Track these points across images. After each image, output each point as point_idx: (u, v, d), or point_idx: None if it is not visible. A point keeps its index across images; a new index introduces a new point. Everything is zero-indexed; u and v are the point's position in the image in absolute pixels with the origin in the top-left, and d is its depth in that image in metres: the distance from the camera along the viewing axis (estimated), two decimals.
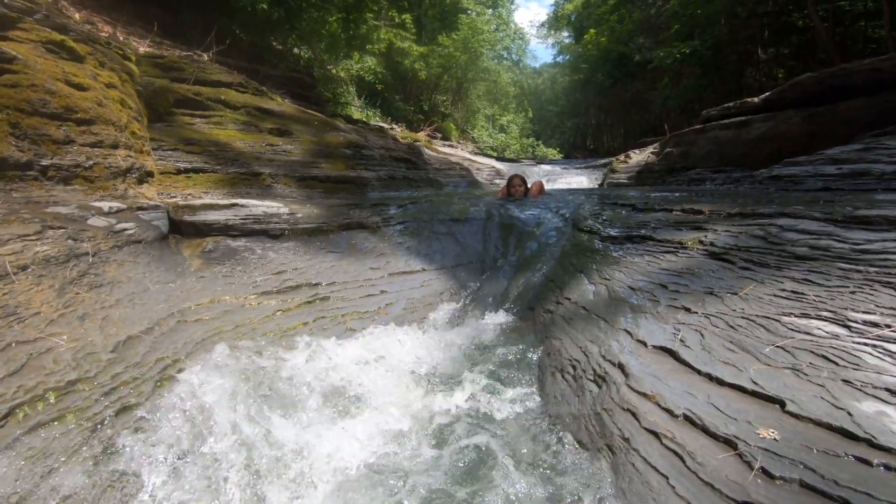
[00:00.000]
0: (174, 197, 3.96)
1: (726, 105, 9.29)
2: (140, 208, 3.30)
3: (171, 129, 5.00)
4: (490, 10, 25.77)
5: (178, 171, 4.41)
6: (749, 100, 8.86)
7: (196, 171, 4.56)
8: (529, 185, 6.55)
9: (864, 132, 6.64)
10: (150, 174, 4.02)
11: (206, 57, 7.81)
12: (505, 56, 26.35)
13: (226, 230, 3.42)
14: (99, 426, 1.51)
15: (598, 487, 1.41)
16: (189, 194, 4.10)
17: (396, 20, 17.74)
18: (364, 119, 13.64)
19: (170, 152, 4.61)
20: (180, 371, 1.91)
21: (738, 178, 7.45)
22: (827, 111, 7.17)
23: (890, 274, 1.77)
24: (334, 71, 15.84)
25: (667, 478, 1.27)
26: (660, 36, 21.99)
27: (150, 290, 2.52)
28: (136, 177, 3.71)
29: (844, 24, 14.97)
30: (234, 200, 3.81)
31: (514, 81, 26.15)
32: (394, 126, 15.81)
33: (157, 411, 1.64)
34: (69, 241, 2.27)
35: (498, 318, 3.18)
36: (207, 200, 3.80)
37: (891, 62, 6.37)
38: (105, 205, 3.03)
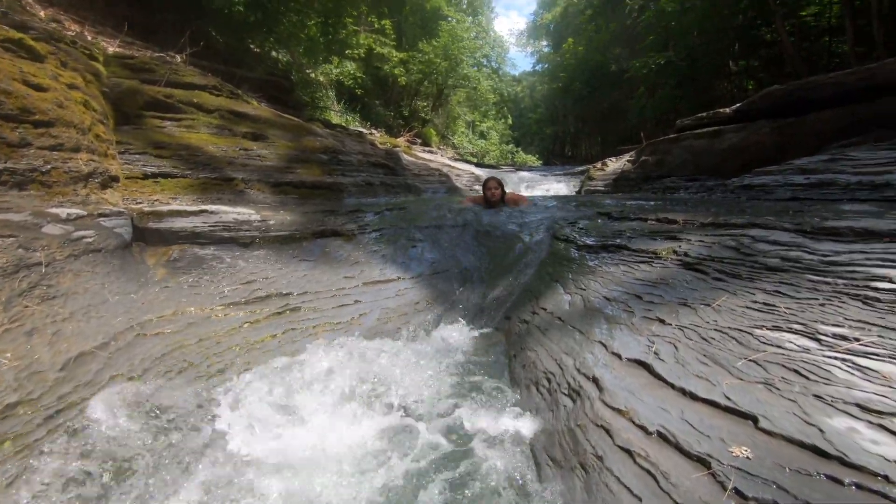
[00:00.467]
0: (140, 203, 3.81)
1: (700, 115, 9.49)
2: (102, 215, 3.15)
3: (139, 133, 4.83)
4: (470, 18, 25.94)
5: (146, 176, 4.26)
6: (721, 110, 9.07)
7: (165, 175, 4.41)
8: (513, 196, 6.38)
9: (830, 143, 6.85)
10: (115, 179, 3.87)
11: (179, 58, 7.63)
12: (485, 63, 26.53)
13: (193, 238, 3.30)
14: (40, 454, 1.40)
15: None
16: (156, 200, 3.95)
17: (376, 25, 17.69)
18: (343, 124, 13.51)
19: (137, 156, 4.45)
20: (136, 390, 1.80)
21: (712, 186, 7.59)
22: (796, 122, 7.38)
23: (857, 286, 1.78)
24: (313, 75, 15.68)
25: (640, 499, 1.23)
26: (636, 46, 22.45)
27: (109, 301, 2.40)
28: (98, 182, 3.56)
29: (810, 38, 15.53)
30: (203, 207, 3.68)
31: (494, 89, 26.33)
32: (373, 131, 15.73)
33: (102, 433, 1.54)
34: (19, 250, 2.14)
35: (474, 329, 3.14)
36: (175, 207, 3.67)
37: (855, 76, 6.59)
38: (63, 211, 2.88)
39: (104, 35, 7.86)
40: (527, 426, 1.91)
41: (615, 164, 11.38)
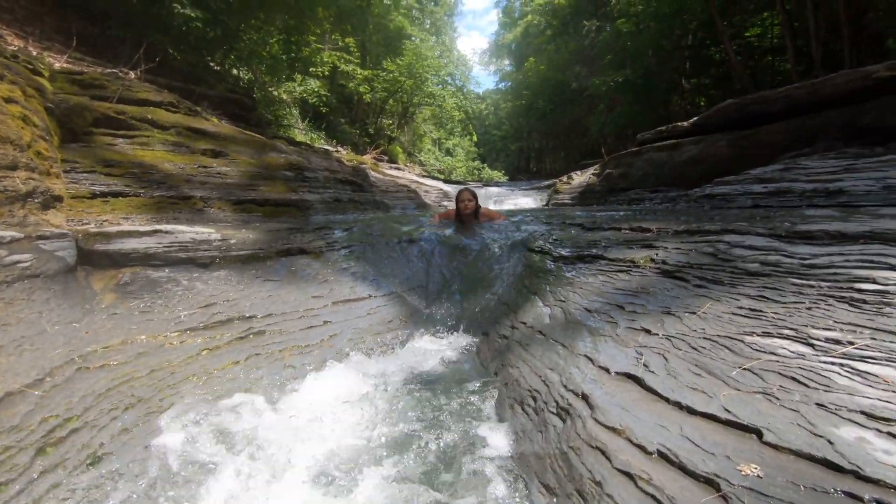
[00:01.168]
0: (87, 224, 3.53)
1: (659, 129, 9.78)
2: (41, 237, 2.88)
3: (88, 150, 4.53)
4: (433, 38, 26.30)
5: (94, 196, 3.97)
6: (679, 124, 9.37)
7: (115, 194, 4.13)
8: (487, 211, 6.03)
9: (783, 154, 7.14)
10: (58, 199, 3.57)
11: (132, 74, 7.31)
12: (449, 82, 26.83)
13: (146, 260, 3.05)
14: None
15: None
16: (105, 220, 3.68)
17: (340, 43, 17.64)
18: (308, 142, 13.27)
19: (85, 175, 4.16)
20: (72, 432, 1.58)
21: (674, 196, 7.78)
22: (750, 135, 7.67)
23: (842, 288, 1.76)
24: (276, 93, 15.43)
25: None
26: (595, 66, 23.22)
27: (47, 332, 2.15)
28: (39, 202, 3.27)
29: (755, 57, 16.42)
30: (156, 227, 3.44)
31: (459, 106, 26.62)
32: (339, 149, 15.52)
33: (31, 491, 1.32)
34: None
35: (450, 346, 3.01)
36: (125, 227, 3.41)
37: (803, 90, 6.92)
38: None
39: (52, 51, 7.47)
40: (513, 450, 1.79)
41: (580, 178, 11.57)
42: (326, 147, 13.35)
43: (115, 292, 2.76)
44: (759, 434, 1.26)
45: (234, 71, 13.17)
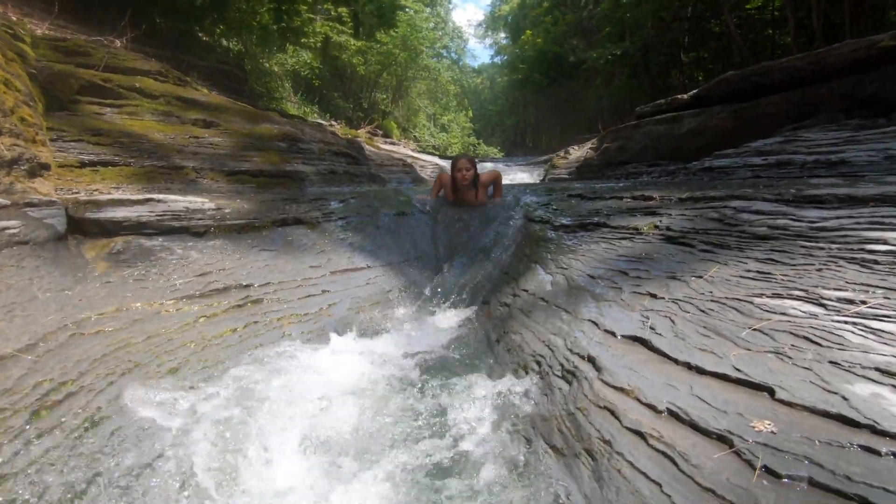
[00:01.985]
0: (76, 193, 3.43)
1: (658, 101, 9.63)
2: (29, 205, 2.79)
3: (74, 119, 4.40)
4: (428, 9, 25.61)
5: (83, 164, 3.86)
6: (679, 96, 9.23)
7: (105, 164, 4.01)
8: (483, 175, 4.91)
9: (783, 126, 7.06)
10: (46, 167, 3.47)
11: (118, 43, 7.06)
12: (444, 55, 26.30)
13: (139, 228, 2.98)
14: None
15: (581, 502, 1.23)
16: (95, 190, 3.58)
17: (333, 13, 17.14)
18: (301, 115, 13.01)
19: (73, 143, 4.04)
20: (69, 396, 1.54)
21: (673, 170, 7.71)
22: (750, 106, 7.57)
23: (852, 250, 1.73)
24: (267, 65, 15.03)
25: (660, 485, 1.11)
26: (592, 38, 22.78)
27: (38, 299, 2.09)
28: (25, 169, 3.17)
29: (755, 30, 16.14)
30: (148, 196, 3.35)
31: (455, 80, 26.15)
32: (333, 123, 15.25)
33: (28, 452, 1.28)
34: None
35: (451, 315, 2.99)
36: (116, 196, 3.32)
37: (805, 61, 6.80)
38: None
39: (32, 17, 7.20)
40: (518, 413, 1.77)
41: (578, 153, 11.45)
42: (320, 121, 13.09)
43: (107, 261, 2.70)
44: (771, 392, 1.24)
45: (224, 42, 12.81)
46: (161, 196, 3.40)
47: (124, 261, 2.71)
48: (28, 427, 1.36)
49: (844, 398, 1.14)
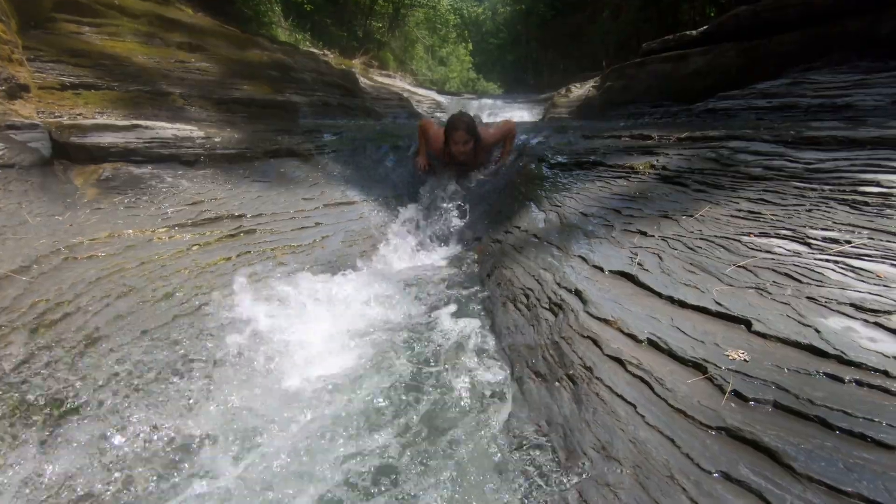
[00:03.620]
0: (59, 117, 3.31)
1: (666, 38, 9.21)
2: (11, 127, 2.71)
3: (51, 38, 4.17)
4: None
5: (63, 87, 3.70)
6: (688, 32, 8.82)
7: (87, 87, 3.85)
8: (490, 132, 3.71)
9: (793, 66, 6.82)
10: (25, 88, 3.33)
11: None
12: None
13: (127, 155, 2.91)
14: None
15: (560, 423, 1.31)
16: (78, 114, 3.46)
17: None
18: (292, 43, 12.35)
19: (51, 64, 3.85)
20: (66, 315, 1.57)
21: (676, 111, 7.52)
22: (760, 45, 7.27)
23: (844, 191, 1.74)
24: None
25: (634, 406, 1.18)
26: None
27: (29, 223, 2.08)
28: (3, 89, 3.04)
29: None
30: (135, 122, 3.25)
31: (454, 9, 24.72)
32: (326, 52, 14.54)
33: (30, 365, 1.33)
34: None
35: (443, 250, 3.01)
36: (101, 121, 3.21)
37: None
38: None
39: None
40: (505, 343, 1.84)
41: (579, 91, 11.10)
42: (312, 50, 12.46)
43: (96, 187, 2.66)
44: (748, 324, 1.29)
45: None
46: (148, 122, 3.30)
47: (114, 188, 2.67)
48: (28, 343, 1.40)
49: (817, 331, 1.19)
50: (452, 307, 2.20)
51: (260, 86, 5.33)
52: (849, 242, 1.46)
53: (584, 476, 1.11)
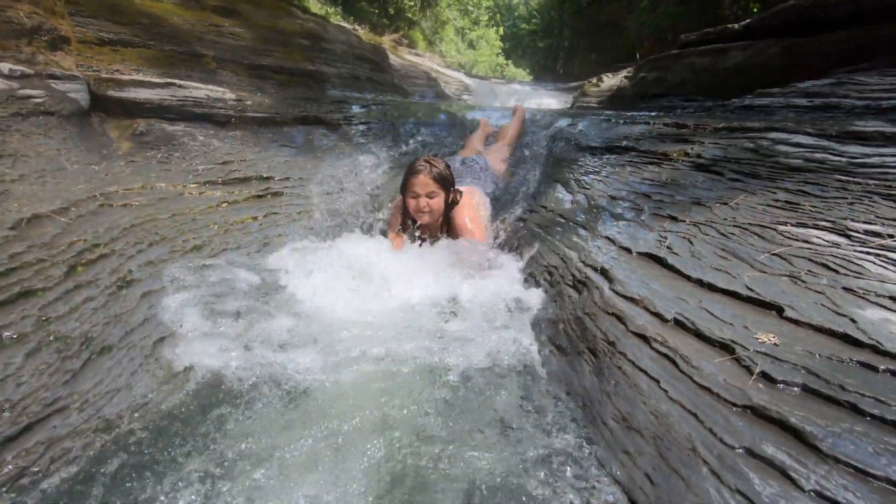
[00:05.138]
0: (97, 70, 3.37)
1: (706, 30, 8.92)
2: (52, 76, 2.77)
3: None
4: None
5: (102, 42, 3.75)
6: (730, 26, 8.52)
7: (125, 44, 3.90)
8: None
9: (837, 67, 6.57)
10: (66, 40, 3.38)
11: None
12: None
13: (161, 111, 2.96)
14: None
15: (580, 393, 1.31)
16: (116, 70, 3.51)
17: None
18: (323, 15, 12.29)
19: (90, 19, 3.90)
20: (101, 257, 1.62)
21: (710, 106, 7.30)
22: (805, 43, 6.99)
23: (890, 187, 1.68)
24: None
25: (658, 381, 1.17)
26: None
27: (67, 169, 2.13)
28: (46, 40, 3.09)
29: None
30: (170, 80, 3.29)
31: None
32: (356, 27, 14.46)
33: (67, 301, 1.37)
34: None
35: None
36: (138, 77, 3.26)
37: None
38: (5, 66, 2.51)
39: None
40: (525, 318, 1.84)
41: (611, 81, 10.85)
42: (343, 24, 12.40)
43: (131, 141, 2.71)
44: (780, 310, 1.26)
45: None
46: (182, 82, 3.34)
47: (148, 143, 2.72)
48: (66, 279, 1.44)
49: (853, 320, 1.16)
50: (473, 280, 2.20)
51: (291, 54, 5.34)
52: (891, 236, 1.41)
53: (602, 444, 1.11)
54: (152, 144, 2.69)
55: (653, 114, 5.97)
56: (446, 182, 2.48)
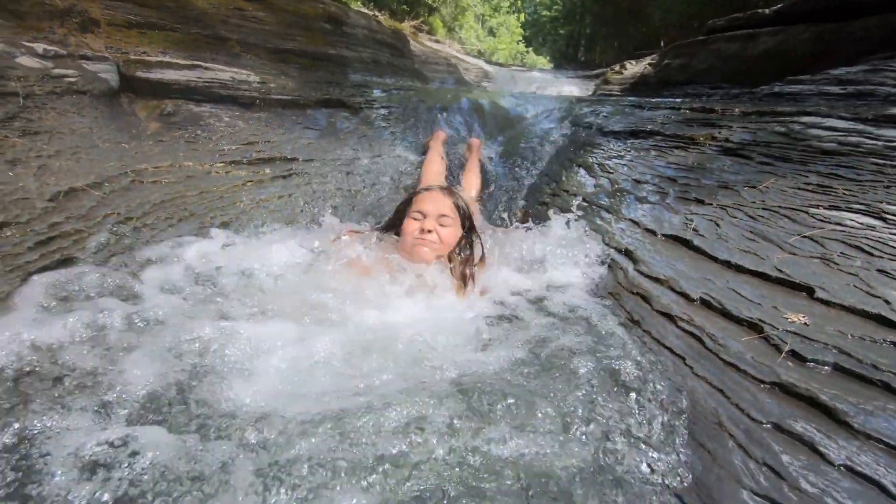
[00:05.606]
0: (126, 52, 3.43)
1: (735, 15, 8.68)
2: (83, 57, 2.83)
3: None
4: None
5: (130, 25, 3.80)
6: (760, 11, 8.28)
7: (152, 27, 3.94)
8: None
9: (871, 54, 6.34)
10: (96, 23, 3.44)
11: None
12: None
13: (187, 93, 3.00)
14: (31, 277, 1.28)
15: None
16: (143, 52, 3.56)
17: None
18: (344, 0, 12.27)
19: (119, 3, 3.94)
20: (135, 230, 1.67)
21: (737, 94, 7.12)
22: (837, 28, 6.75)
23: None
24: None
25: (683, 358, 1.17)
26: None
27: (99, 146, 2.19)
28: (77, 22, 3.16)
29: None
30: (196, 62, 3.33)
31: None
32: (376, 13, 14.40)
33: (104, 274, 1.42)
34: None
35: (487, 209, 3.00)
36: (165, 59, 3.31)
37: None
38: (39, 46, 2.57)
39: None
40: (546, 296, 1.84)
41: (635, 68, 10.64)
42: (363, 10, 12.36)
43: (159, 121, 2.76)
44: (810, 291, 1.25)
45: None
46: (208, 64, 3.38)
47: (175, 123, 2.77)
48: (104, 248, 1.49)
49: (887, 301, 1.14)
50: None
51: (313, 38, 5.34)
52: None
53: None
54: (179, 125, 2.73)
55: (678, 100, 5.85)
56: (466, 218, 1.92)
